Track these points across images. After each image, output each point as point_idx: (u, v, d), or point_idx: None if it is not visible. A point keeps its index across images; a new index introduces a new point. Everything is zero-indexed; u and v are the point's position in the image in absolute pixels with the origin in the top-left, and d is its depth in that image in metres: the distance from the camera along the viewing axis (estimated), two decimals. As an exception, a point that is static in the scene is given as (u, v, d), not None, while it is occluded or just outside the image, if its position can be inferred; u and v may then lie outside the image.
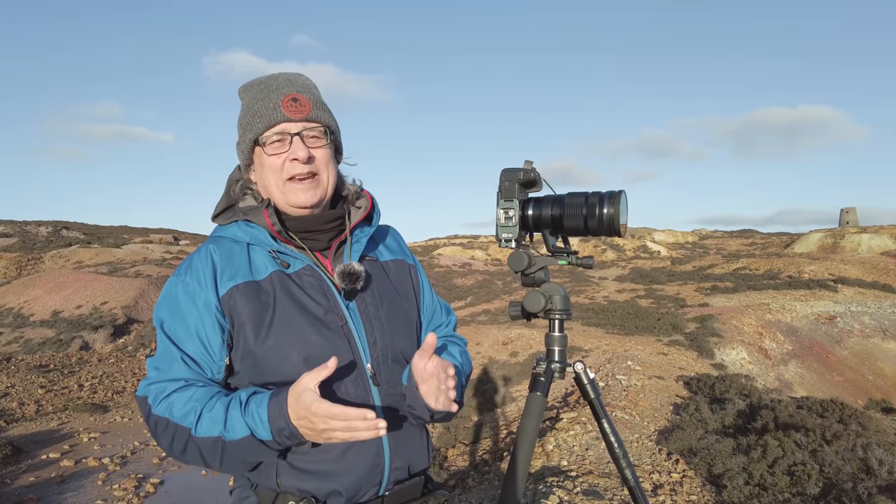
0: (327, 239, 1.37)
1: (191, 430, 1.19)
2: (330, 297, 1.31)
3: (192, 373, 1.26)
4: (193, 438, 1.19)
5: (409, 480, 1.36)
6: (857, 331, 15.19)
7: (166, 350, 1.27)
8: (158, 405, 1.23)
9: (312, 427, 1.12)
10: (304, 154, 1.28)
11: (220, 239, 1.35)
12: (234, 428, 1.17)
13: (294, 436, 1.15)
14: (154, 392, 1.25)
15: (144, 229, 45.31)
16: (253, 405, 1.17)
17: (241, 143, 1.36)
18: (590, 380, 1.55)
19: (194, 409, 1.20)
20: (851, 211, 41.87)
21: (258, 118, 1.31)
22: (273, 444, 1.17)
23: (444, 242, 46.30)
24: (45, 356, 15.83)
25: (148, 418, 1.25)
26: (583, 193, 1.40)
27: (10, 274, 28.04)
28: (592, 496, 4.28)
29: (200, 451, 1.20)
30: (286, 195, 1.31)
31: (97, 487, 6.97)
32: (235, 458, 1.20)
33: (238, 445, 1.17)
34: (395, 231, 1.58)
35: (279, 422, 1.14)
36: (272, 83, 1.34)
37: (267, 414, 1.15)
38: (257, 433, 1.16)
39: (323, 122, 1.33)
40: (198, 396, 1.22)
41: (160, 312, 1.30)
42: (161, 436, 1.23)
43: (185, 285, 1.28)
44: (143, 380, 1.29)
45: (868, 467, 4.27)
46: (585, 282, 21.94)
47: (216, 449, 1.19)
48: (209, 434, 1.18)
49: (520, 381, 9.52)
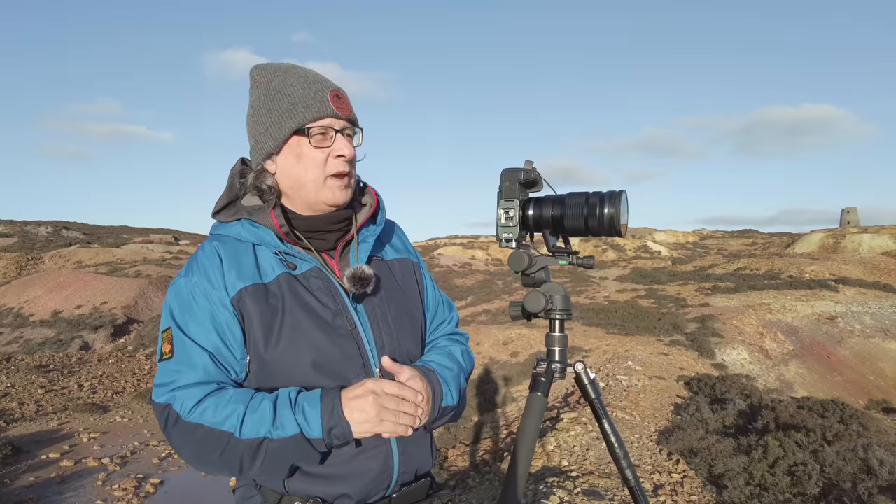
0: (334, 239, 1.34)
1: (233, 433, 1.13)
2: (339, 300, 1.28)
3: (220, 373, 1.21)
4: (236, 442, 1.13)
5: (415, 482, 1.35)
6: (858, 331, 15.18)
7: (185, 350, 1.20)
8: (190, 412, 1.15)
9: (370, 408, 1.15)
10: (350, 152, 1.27)
11: (223, 237, 1.30)
12: (284, 425, 1.13)
13: (344, 434, 1.14)
14: (181, 398, 1.16)
15: (144, 229, 45.31)
16: (303, 402, 1.15)
17: (275, 130, 1.26)
18: (590, 380, 1.54)
19: (236, 410, 1.14)
20: (852, 211, 41.87)
21: (303, 107, 1.25)
22: (320, 443, 1.14)
23: (445, 242, 46.28)
24: (45, 356, 15.83)
25: (174, 427, 1.16)
26: (583, 193, 1.39)
27: (10, 274, 28.05)
28: (593, 496, 4.28)
29: (241, 456, 1.13)
30: (322, 192, 1.27)
31: (97, 488, 6.97)
32: (276, 462, 1.14)
33: (284, 445, 1.13)
34: (398, 228, 1.54)
35: (332, 419, 1.13)
36: (308, 74, 1.30)
37: (319, 411, 1.13)
38: (307, 431, 1.13)
39: (358, 124, 1.34)
40: (238, 398, 1.16)
41: (172, 313, 1.23)
42: (189, 446, 1.16)
43: (196, 285, 1.23)
44: (161, 385, 1.20)
45: (869, 467, 4.27)
46: (586, 282, 21.93)
47: (259, 452, 1.13)
48: (255, 436, 1.13)
49: (520, 382, 9.52)
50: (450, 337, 1.51)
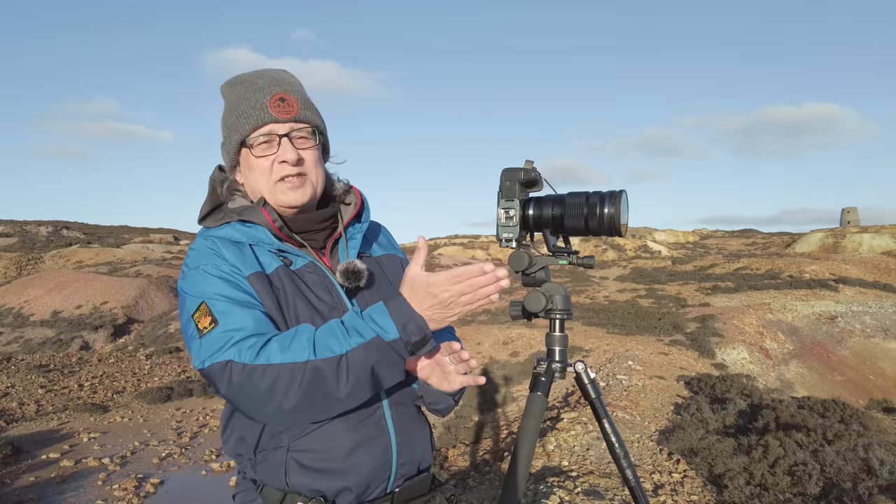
0: (322, 238, 1.37)
1: (310, 357, 1.10)
2: (334, 294, 1.31)
3: (270, 325, 1.18)
4: (315, 365, 1.09)
5: (417, 476, 1.37)
6: (859, 331, 15.18)
7: (230, 313, 1.15)
8: (258, 356, 1.10)
9: (438, 302, 1.09)
10: (293, 156, 1.27)
11: (215, 238, 1.30)
12: (361, 331, 1.11)
13: (420, 328, 1.11)
14: (244, 349, 1.11)
15: (144, 229, 45.35)
16: (372, 311, 1.13)
17: (227, 144, 1.32)
18: (590, 380, 1.54)
19: (307, 338, 1.12)
20: (853, 210, 41.92)
21: (244, 118, 1.28)
22: (399, 344, 1.11)
23: (445, 242, 46.28)
24: (45, 356, 15.84)
25: (240, 377, 1.10)
26: (583, 193, 1.39)
27: (10, 274, 28.07)
28: (593, 496, 4.28)
29: (325, 379, 1.10)
30: (276, 196, 1.29)
31: (97, 487, 6.98)
32: (363, 373, 1.11)
33: (364, 353, 1.10)
34: (383, 227, 1.58)
35: (401, 316, 1.10)
36: (258, 81, 1.31)
37: (388, 311, 1.11)
38: (384, 334, 1.10)
39: (311, 123, 1.31)
40: (301, 331, 1.14)
41: (199, 291, 1.19)
42: (265, 391, 1.10)
43: (212, 264, 1.22)
44: (211, 354, 1.13)
45: (869, 467, 4.26)
46: (586, 282, 21.93)
47: (342, 368, 1.10)
48: (332, 354, 1.10)
49: (520, 381, 9.52)
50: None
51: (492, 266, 1.07)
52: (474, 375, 1.31)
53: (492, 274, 1.07)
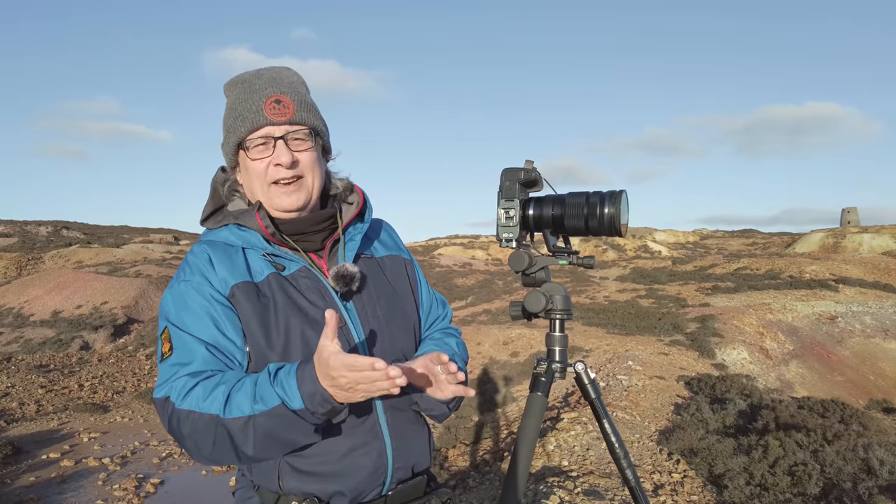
0: (320, 239, 1.36)
1: (219, 414, 1.11)
2: (327, 298, 1.30)
3: (218, 362, 1.20)
4: (223, 423, 1.11)
5: (411, 480, 1.36)
6: (859, 331, 15.17)
7: (183, 344, 1.20)
8: (184, 400, 1.14)
9: (337, 384, 1.06)
10: (287, 159, 1.26)
11: (213, 242, 1.32)
12: (265, 398, 1.10)
13: (326, 400, 1.08)
14: (177, 389, 1.15)
15: (144, 229, 45.31)
16: (282, 374, 1.12)
17: (226, 146, 1.33)
18: (590, 380, 1.54)
19: (223, 391, 1.12)
20: (853, 211, 41.91)
21: (241, 121, 1.28)
22: (306, 413, 1.09)
23: (445, 242, 46.27)
24: (45, 356, 15.83)
25: (171, 418, 1.15)
26: (583, 193, 1.39)
27: (10, 274, 28.05)
28: (593, 496, 4.28)
29: (232, 437, 1.11)
30: (271, 199, 1.30)
31: (97, 487, 6.97)
32: (269, 437, 1.11)
33: (270, 419, 1.10)
34: (388, 225, 1.56)
35: (308, 385, 1.08)
36: (256, 82, 1.31)
37: (295, 379, 1.09)
38: (288, 402, 1.09)
39: (308, 124, 1.30)
40: (226, 379, 1.15)
41: (168, 314, 1.25)
42: (187, 436, 1.14)
43: (189, 283, 1.25)
44: (160, 384, 1.20)
45: (869, 467, 4.26)
46: (586, 282, 21.92)
47: (247, 430, 1.10)
48: (240, 414, 1.10)
49: (520, 381, 9.51)
50: (443, 330, 1.54)
51: (383, 364, 1.02)
52: (465, 387, 1.27)
53: (382, 372, 1.02)
